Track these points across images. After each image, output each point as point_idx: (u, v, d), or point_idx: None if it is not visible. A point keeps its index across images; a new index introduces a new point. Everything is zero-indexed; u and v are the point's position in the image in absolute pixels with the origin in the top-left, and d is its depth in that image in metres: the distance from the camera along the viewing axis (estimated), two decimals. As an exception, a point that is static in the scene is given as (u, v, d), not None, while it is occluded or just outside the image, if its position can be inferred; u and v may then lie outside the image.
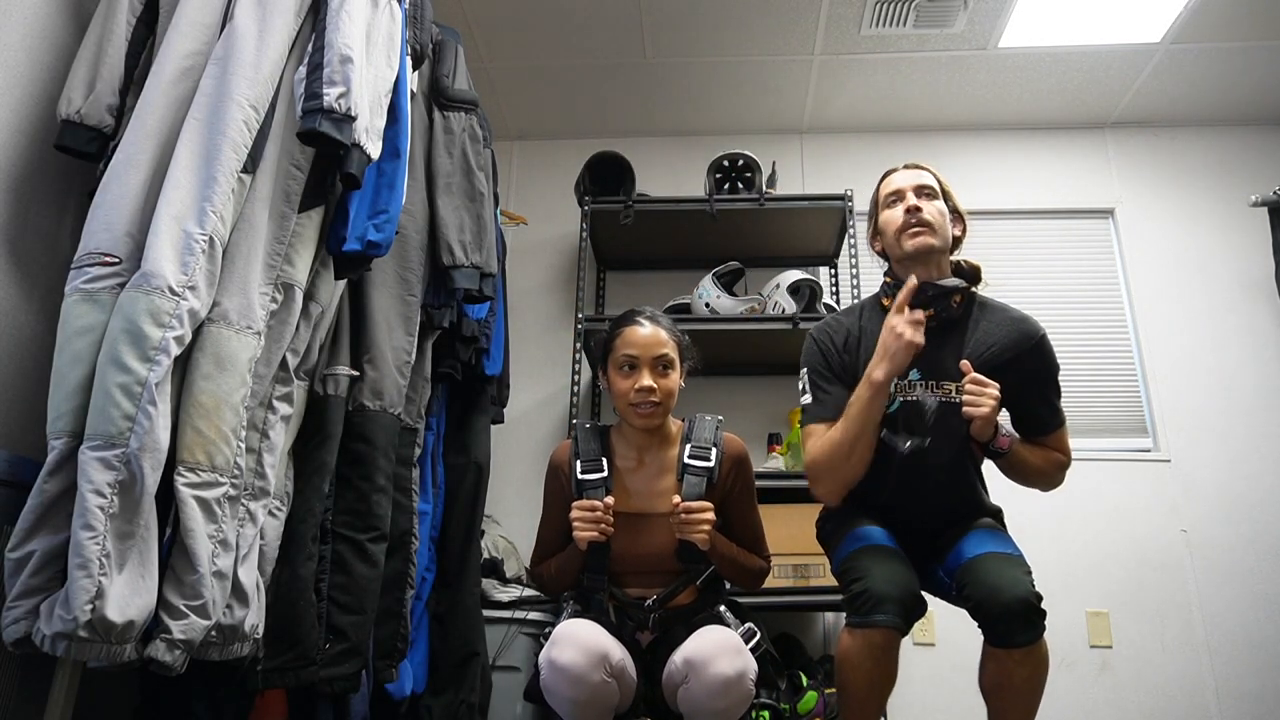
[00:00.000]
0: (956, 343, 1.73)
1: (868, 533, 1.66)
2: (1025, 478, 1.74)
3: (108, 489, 1.14)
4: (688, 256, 3.22)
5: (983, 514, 1.75)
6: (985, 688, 1.56)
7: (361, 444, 1.73)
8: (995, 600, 1.48)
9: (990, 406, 1.58)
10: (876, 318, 1.77)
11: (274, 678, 1.48)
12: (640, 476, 1.75)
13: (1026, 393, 1.73)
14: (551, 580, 1.77)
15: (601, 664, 1.45)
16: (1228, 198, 3.24)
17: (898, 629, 1.49)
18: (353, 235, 1.55)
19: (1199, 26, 2.85)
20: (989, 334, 1.73)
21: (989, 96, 3.28)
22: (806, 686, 2.30)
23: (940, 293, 1.71)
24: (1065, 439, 1.77)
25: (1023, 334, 1.73)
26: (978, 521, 1.71)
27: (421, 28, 1.85)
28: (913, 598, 1.54)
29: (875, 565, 1.56)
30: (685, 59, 3.12)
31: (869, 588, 1.51)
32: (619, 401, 1.73)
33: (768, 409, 3.06)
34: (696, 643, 1.51)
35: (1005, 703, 1.54)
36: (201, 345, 1.31)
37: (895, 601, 1.49)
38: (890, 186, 1.80)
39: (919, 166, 1.82)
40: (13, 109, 1.48)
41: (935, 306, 1.71)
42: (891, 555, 1.60)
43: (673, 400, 1.72)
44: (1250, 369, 3.04)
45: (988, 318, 1.76)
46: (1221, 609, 2.76)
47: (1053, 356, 1.75)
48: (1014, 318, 1.77)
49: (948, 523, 1.74)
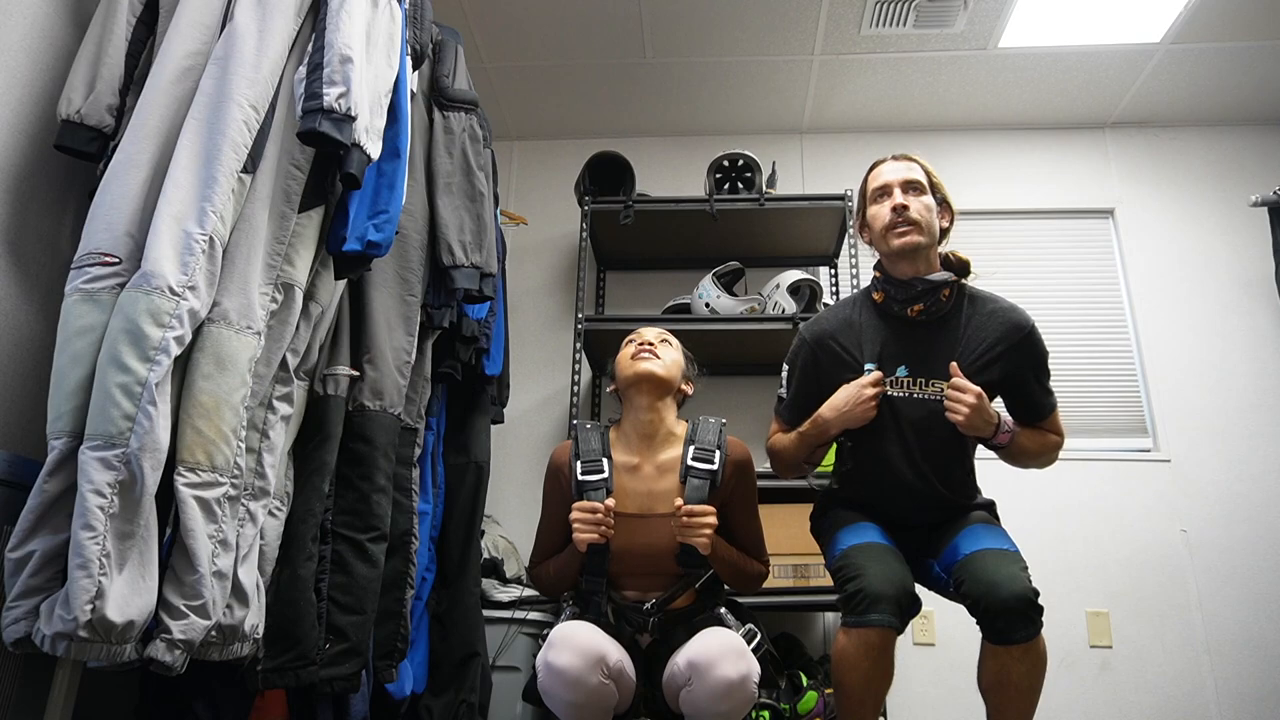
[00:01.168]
0: (948, 340, 1.74)
1: (861, 529, 1.67)
2: (1023, 462, 1.77)
3: (108, 489, 1.14)
4: (688, 256, 3.22)
5: (976, 508, 1.76)
6: (984, 685, 1.57)
7: (361, 444, 1.73)
8: (993, 597, 1.48)
9: (967, 412, 1.61)
10: (870, 311, 1.81)
11: (274, 678, 1.48)
12: (641, 477, 1.74)
13: (1021, 382, 1.75)
14: (551, 581, 1.76)
15: (598, 666, 1.45)
16: (1228, 198, 3.24)
17: (893, 628, 1.50)
18: (353, 235, 1.55)
19: (1199, 26, 2.85)
20: (980, 329, 1.75)
21: (989, 96, 3.28)
22: (806, 686, 2.31)
23: (929, 288, 1.73)
24: (1058, 420, 1.81)
25: (1013, 325, 1.75)
26: (972, 516, 1.72)
27: (421, 28, 1.85)
28: (907, 596, 1.54)
29: (870, 563, 1.56)
30: (685, 59, 3.11)
31: (863, 587, 1.52)
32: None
33: (768, 409, 3.00)
34: (699, 645, 1.50)
35: (1004, 700, 1.54)
36: (201, 345, 1.31)
37: (890, 601, 1.50)
38: (878, 180, 1.81)
39: (907, 158, 1.83)
40: (13, 109, 1.48)
41: (924, 301, 1.73)
42: (885, 552, 1.60)
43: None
44: (1250, 369, 3.03)
45: (978, 311, 1.77)
46: (1221, 609, 2.75)
47: (1043, 344, 1.77)
48: (1003, 308, 1.78)
49: (940, 517, 1.74)
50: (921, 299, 1.73)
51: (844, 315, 1.85)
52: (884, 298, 1.78)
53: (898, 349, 1.75)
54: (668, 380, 1.76)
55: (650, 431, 1.77)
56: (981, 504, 1.79)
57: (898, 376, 1.73)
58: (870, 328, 1.78)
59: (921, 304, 1.73)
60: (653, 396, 1.76)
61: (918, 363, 1.73)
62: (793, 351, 1.89)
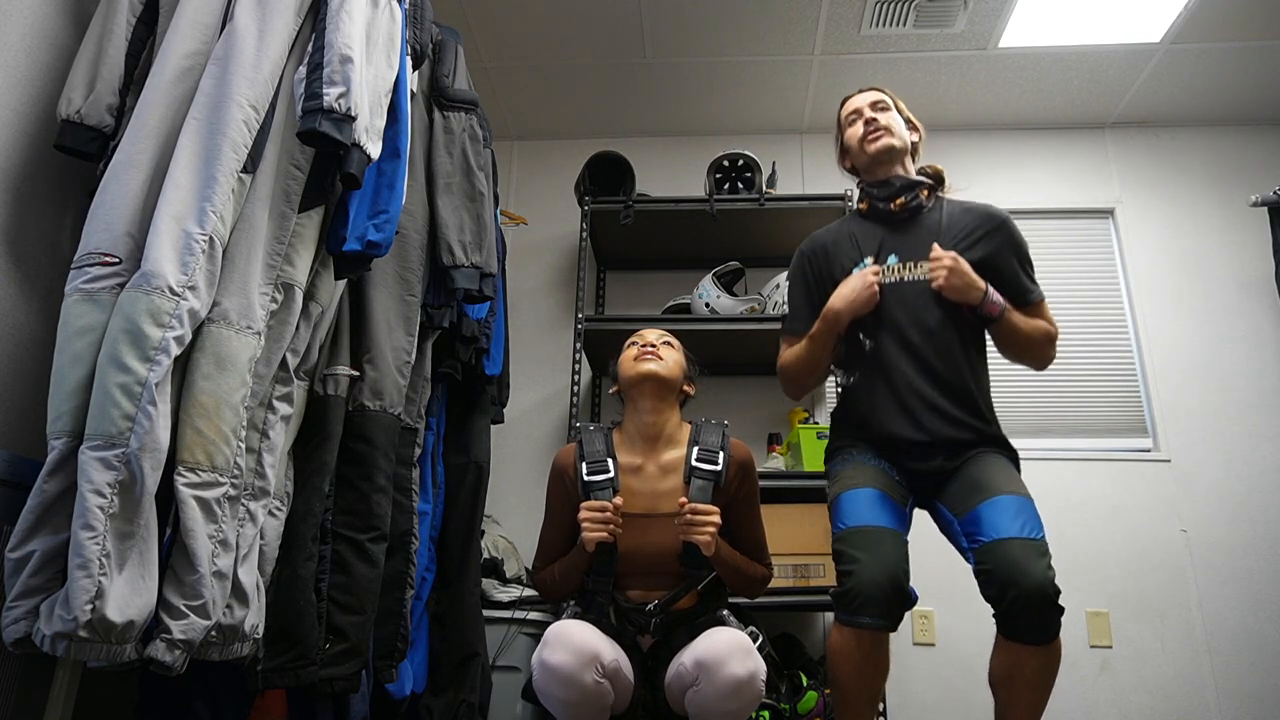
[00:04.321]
0: (930, 229, 1.87)
1: (861, 499, 1.67)
2: (1018, 349, 1.83)
3: (108, 489, 1.14)
4: (688, 256, 3.22)
5: (995, 448, 1.74)
6: (995, 678, 1.57)
7: (361, 444, 1.73)
8: (1016, 598, 1.48)
9: (945, 273, 1.73)
10: (857, 220, 1.97)
11: (274, 678, 1.48)
12: (645, 478, 1.75)
13: (1003, 263, 1.84)
14: (554, 585, 1.76)
15: (593, 664, 1.45)
16: (1228, 198, 3.24)
17: (884, 629, 1.52)
18: (353, 235, 1.55)
19: (1199, 26, 2.85)
20: (960, 220, 1.88)
21: (989, 96, 3.28)
22: (806, 686, 2.30)
23: (907, 183, 1.88)
24: (1047, 311, 1.87)
25: (989, 215, 1.89)
26: (995, 472, 1.68)
27: (421, 28, 1.85)
28: (899, 594, 1.55)
29: (864, 555, 1.57)
30: (685, 59, 3.12)
31: (854, 587, 1.54)
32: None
33: (768, 409, 3.06)
34: (706, 644, 1.50)
35: (1015, 694, 1.54)
36: (201, 345, 1.31)
37: (879, 603, 1.52)
38: (849, 108, 2.01)
39: (872, 88, 2.02)
40: (13, 109, 1.48)
41: (905, 196, 1.88)
42: (881, 539, 1.60)
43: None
44: (1250, 369, 3.04)
45: (957, 208, 1.92)
46: (1221, 609, 2.76)
47: (1021, 235, 1.90)
48: (980, 204, 1.93)
49: (952, 439, 1.72)
50: (902, 193, 1.88)
51: (835, 229, 2.00)
52: (869, 202, 1.93)
53: (886, 242, 1.88)
54: (670, 380, 1.78)
55: (654, 433, 1.78)
56: (999, 439, 1.77)
57: (889, 265, 1.85)
58: (860, 233, 1.93)
59: (902, 198, 1.88)
60: (656, 398, 1.77)
61: (905, 251, 1.86)
62: (792, 267, 2.02)
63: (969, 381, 1.77)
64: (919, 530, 1.72)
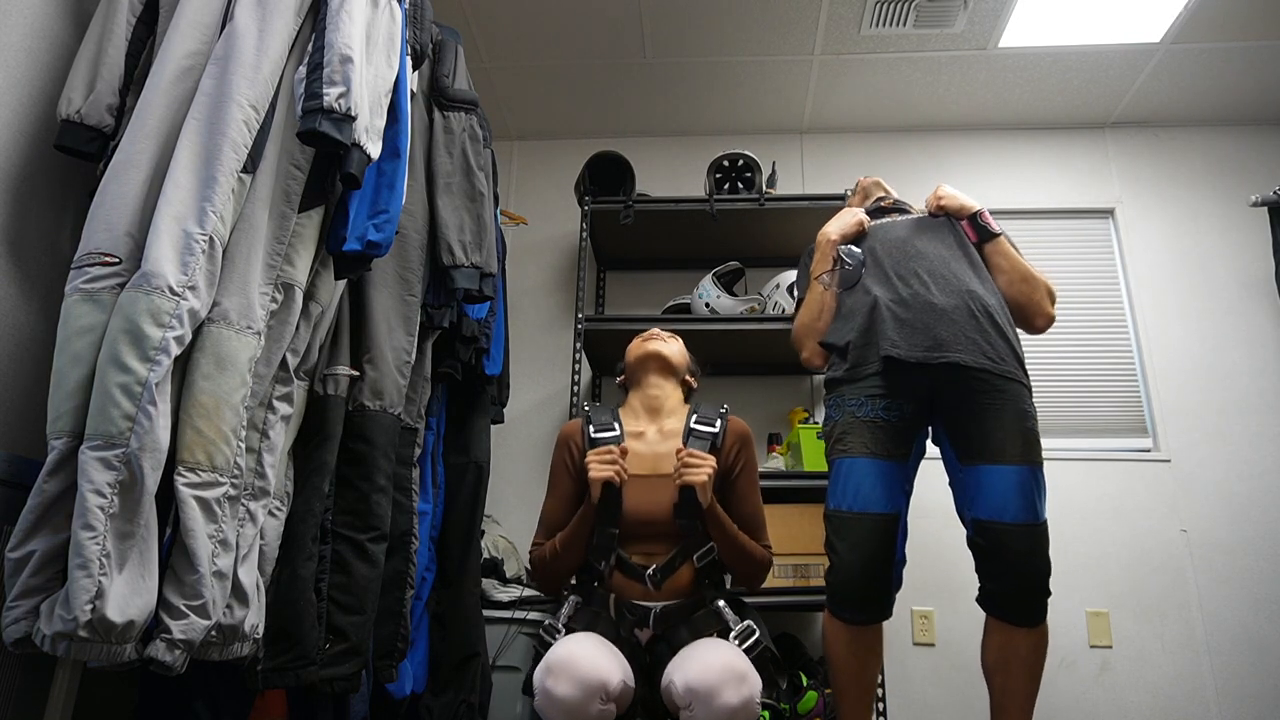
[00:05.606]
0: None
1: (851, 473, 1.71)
2: (1014, 276, 1.90)
3: (108, 489, 1.14)
4: (688, 256, 3.22)
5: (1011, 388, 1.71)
6: (989, 665, 1.61)
7: (361, 444, 1.73)
8: (1011, 582, 1.58)
9: (941, 188, 2.00)
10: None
11: (274, 678, 1.48)
12: (646, 442, 1.83)
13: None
14: (554, 560, 1.73)
15: (598, 694, 1.42)
16: (1228, 198, 3.24)
17: (865, 624, 1.64)
18: (353, 235, 1.55)
19: (1199, 26, 2.85)
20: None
21: (989, 96, 3.28)
22: (806, 686, 2.30)
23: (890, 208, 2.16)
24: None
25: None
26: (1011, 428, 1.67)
27: (421, 28, 1.85)
28: (877, 591, 1.65)
29: (843, 546, 1.66)
30: (685, 59, 3.12)
31: (833, 583, 1.65)
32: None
33: (768, 409, 3.06)
34: (699, 667, 1.45)
35: (1009, 679, 1.58)
36: (201, 345, 1.31)
37: (856, 602, 1.63)
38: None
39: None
40: (13, 109, 1.48)
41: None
42: (860, 528, 1.66)
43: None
44: (1250, 369, 3.03)
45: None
46: (1221, 609, 2.75)
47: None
48: None
49: (955, 342, 1.72)
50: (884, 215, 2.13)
51: None
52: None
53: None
54: (674, 361, 1.91)
55: (656, 405, 1.88)
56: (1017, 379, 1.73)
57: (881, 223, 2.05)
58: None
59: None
60: (660, 374, 1.89)
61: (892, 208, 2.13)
62: (800, 263, 2.21)
63: (970, 279, 1.84)
64: (919, 531, 1.73)
